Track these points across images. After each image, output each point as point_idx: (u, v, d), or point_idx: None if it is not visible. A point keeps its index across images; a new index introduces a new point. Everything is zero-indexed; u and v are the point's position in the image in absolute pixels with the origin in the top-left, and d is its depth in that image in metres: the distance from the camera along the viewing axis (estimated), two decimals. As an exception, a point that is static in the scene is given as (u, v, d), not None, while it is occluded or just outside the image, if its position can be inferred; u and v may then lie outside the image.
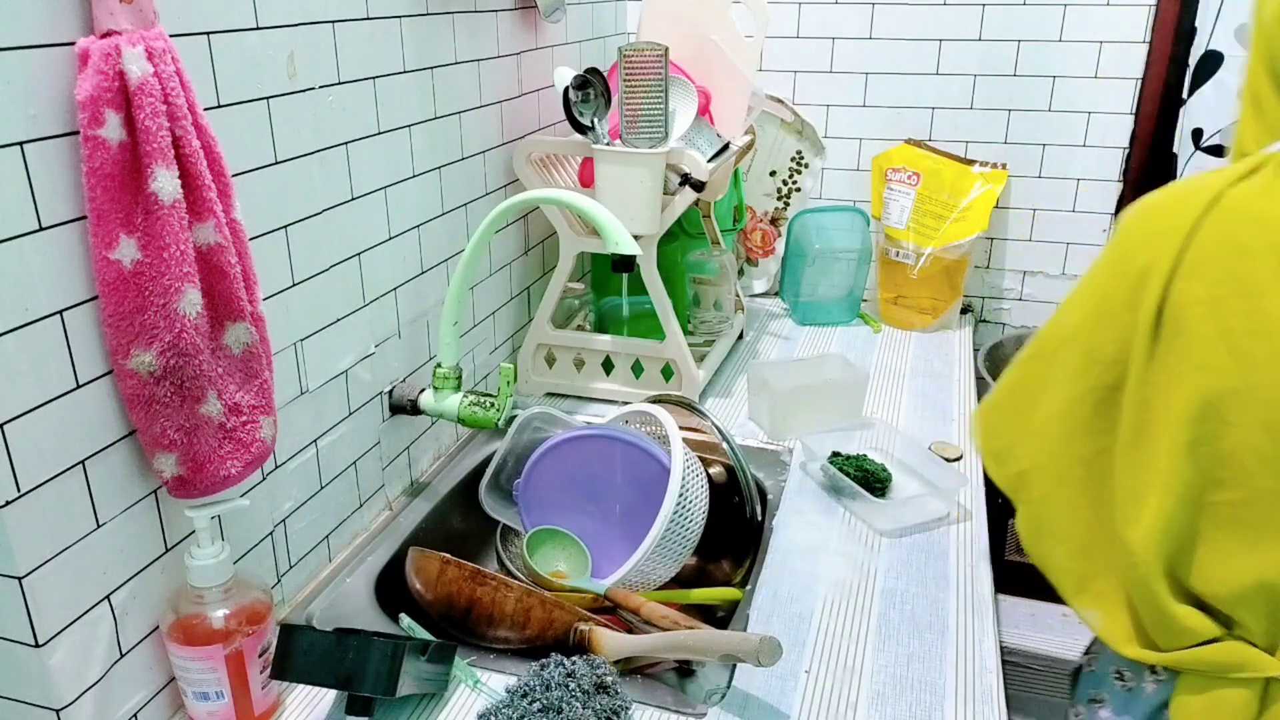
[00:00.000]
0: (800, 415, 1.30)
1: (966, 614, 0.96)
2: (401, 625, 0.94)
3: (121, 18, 0.65)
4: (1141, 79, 1.63)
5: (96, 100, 0.63)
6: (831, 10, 1.73)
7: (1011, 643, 1.27)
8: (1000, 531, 1.33)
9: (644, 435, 1.10)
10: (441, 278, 1.20)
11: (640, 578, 1.01)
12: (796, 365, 1.46)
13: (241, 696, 0.79)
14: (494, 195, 1.32)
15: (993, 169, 1.72)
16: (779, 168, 1.85)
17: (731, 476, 1.15)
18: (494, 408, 1.09)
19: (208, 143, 0.71)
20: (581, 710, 0.75)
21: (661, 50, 1.21)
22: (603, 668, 0.80)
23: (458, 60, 1.17)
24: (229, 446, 0.76)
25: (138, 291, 0.68)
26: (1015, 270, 1.81)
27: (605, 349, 1.40)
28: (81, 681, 0.71)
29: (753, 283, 1.88)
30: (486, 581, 0.89)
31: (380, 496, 1.12)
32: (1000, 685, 0.87)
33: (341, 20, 0.94)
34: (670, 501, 0.98)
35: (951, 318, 1.73)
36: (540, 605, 0.88)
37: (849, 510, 1.15)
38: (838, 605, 0.97)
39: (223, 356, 0.76)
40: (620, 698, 0.79)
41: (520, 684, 0.79)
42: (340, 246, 0.98)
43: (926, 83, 1.73)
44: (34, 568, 0.66)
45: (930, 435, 1.32)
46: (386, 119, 1.03)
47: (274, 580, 0.94)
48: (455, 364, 1.12)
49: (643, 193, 1.25)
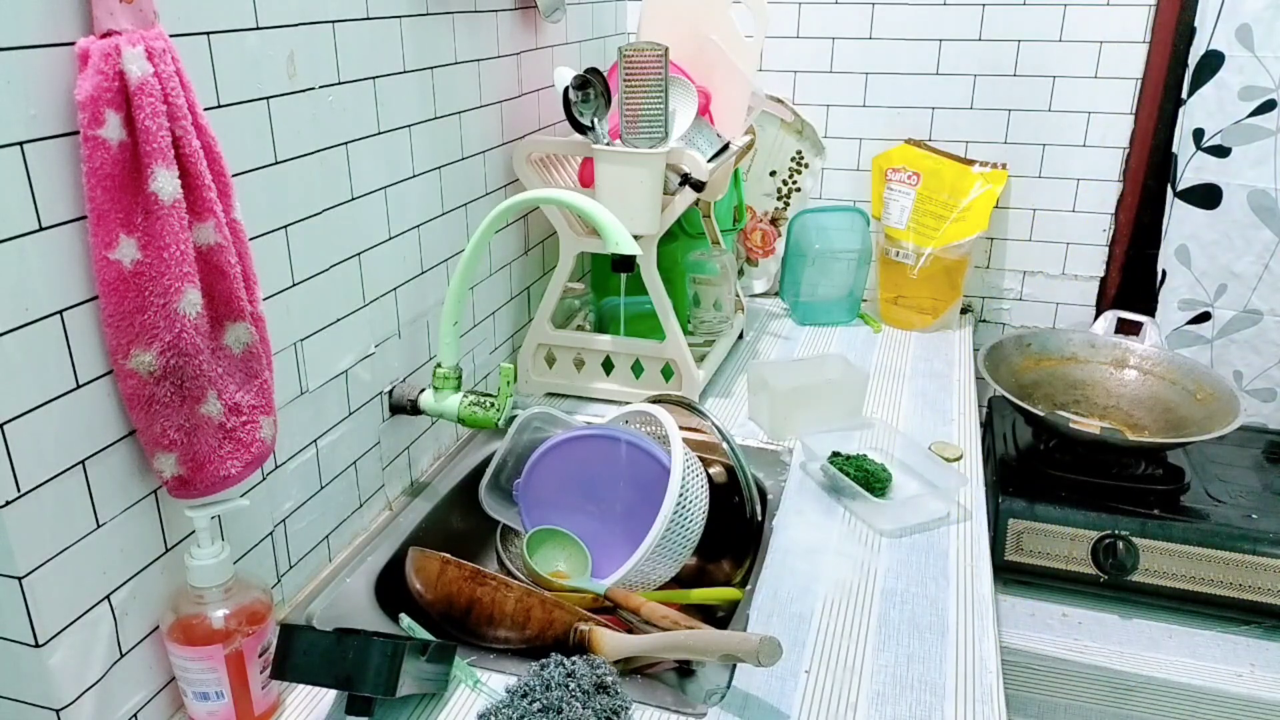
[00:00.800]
0: (800, 415, 1.30)
1: (966, 614, 0.96)
2: (401, 625, 0.94)
3: (121, 18, 0.65)
4: (1141, 79, 1.63)
5: (96, 100, 0.63)
6: (831, 10, 1.73)
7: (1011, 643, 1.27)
8: (1000, 531, 1.33)
9: (644, 435, 1.10)
10: (441, 278, 1.20)
11: (640, 578, 1.01)
12: (796, 365, 1.46)
13: (241, 696, 0.79)
14: (494, 195, 1.32)
15: (993, 169, 1.72)
16: (779, 168, 1.85)
17: (731, 476, 1.14)
18: (494, 408, 1.09)
19: (208, 143, 0.71)
20: (582, 710, 0.75)
21: (661, 50, 1.21)
22: (603, 668, 0.80)
23: (458, 60, 1.17)
24: (229, 446, 0.76)
25: (138, 291, 0.68)
26: (1015, 270, 1.81)
27: (605, 349, 1.40)
28: (81, 681, 0.71)
29: (753, 283, 1.88)
30: (486, 581, 0.88)
31: (380, 496, 1.12)
32: (1000, 685, 0.87)
33: (341, 20, 0.94)
34: (670, 501, 0.98)
35: (951, 318, 1.73)
36: (540, 605, 0.88)
37: (849, 510, 1.15)
38: (838, 605, 0.97)
39: (223, 356, 0.76)
40: (620, 698, 0.79)
41: (520, 684, 0.79)
42: (340, 246, 0.98)
43: (926, 83, 1.73)
44: (34, 568, 0.66)
45: (930, 435, 1.32)
46: (386, 119, 1.03)
47: (274, 580, 0.94)
48: (455, 364, 1.12)
49: (643, 193, 1.25)
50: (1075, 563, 1.31)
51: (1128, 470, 1.38)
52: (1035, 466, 1.40)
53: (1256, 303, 1.57)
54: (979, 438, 1.34)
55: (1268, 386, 1.61)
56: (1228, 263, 1.57)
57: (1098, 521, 1.30)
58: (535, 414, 1.14)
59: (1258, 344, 1.59)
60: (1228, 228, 1.55)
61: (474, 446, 1.30)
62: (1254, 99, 1.48)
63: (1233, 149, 1.51)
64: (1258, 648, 1.25)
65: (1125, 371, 1.53)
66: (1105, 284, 1.76)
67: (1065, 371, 1.56)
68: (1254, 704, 1.18)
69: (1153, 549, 1.27)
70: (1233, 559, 1.25)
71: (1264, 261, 1.54)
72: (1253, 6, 1.45)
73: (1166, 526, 1.28)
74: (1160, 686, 1.22)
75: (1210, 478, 1.38)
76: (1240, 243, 1.55)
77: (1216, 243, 1.56)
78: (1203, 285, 1.60)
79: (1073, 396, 1.54)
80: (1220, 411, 1.35)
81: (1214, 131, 1.52)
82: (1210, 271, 1.59)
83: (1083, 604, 1.33)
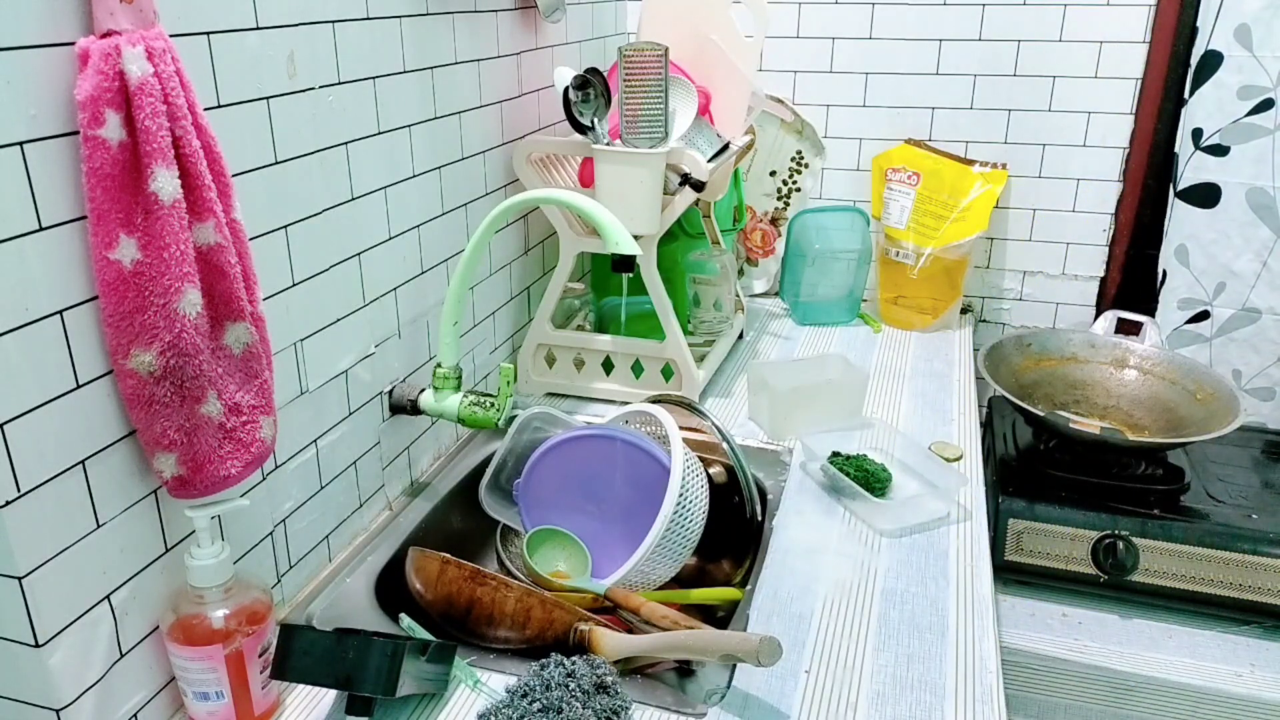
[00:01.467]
0: (800, 415, 1.30)
1: (966, 614, 0.96)
2: (401, 625, 0.94)
3: (121, 18, 0.65)
4: (1141, 79, 1.63)
5: (96, 100, 0.63)
6: (831, 10, 1.73)
7: (1011, 643, 1.27)
8: (1000, 532, 1.33)
9: (644, 435, 1.10)
10: (441, 278, 1.20)
11: (640, 578, 1.01)
12: (796, 365, 1.46)
13: (241, 696, 0.79)
14: (494, 195, 1.32)
15: (993, 169, 1.72)
16: (779, 168, 1.85)
17: (731, 476, 1.15)
18: (494, 408, 1.09)
19: (208, 143, 0.71)
20: (581, 710, 0.75)
21: (661, 50, 1.21)
22: (603, 668, 0.80)
23: (458, 60, 1.17)
24: (229, 446, 0.76)
25: (138, 291, 0.68)
26: (1015, 270, 1.81)
27: (605, 349, 1.40)
28: (81, 681, 0.71)
29: (753, 283, 1.88)
30: (486, 581, 0.88)
31: (380, 496, 1.12)
32: (1000, 685, 0.87)
33: (341, 20, 0.94)
34: (670, 501, 0.98)
35: (951, 318, 1.73)
36: (540, 605, 0.88)
37: (849, 510, 1.15)
38: (838, 605, 0.97)
39: (223, 356, 0.76)
40: (620, 698, 0.79)
41: (520, 684, 0.79)
42: (340, 246, 0.98)
43: (926, 83, 1.73)
44: (34, 568, 0.66)
45: (930, 435, 1.32)
46: (386, 119, 1.03)
47: (274, 580, 0.94)
48: (455, 364, 1.12)
49: (643, 193, 1.25)
50: (1075, 563, 1.31)
51: (1128, 470, 1.38)
52: (1035, 466, 1.40)
53: (1255, 301, 1.57)
54: (979, 438, 1.34)
55: (1267, 385, 1.61)
56: (1226, 261, 1.57)
57: (1098, 521, 1.30)
58: (535, 414, 1.14)
59: (1256, 342, 1.59)
60: (1226, 226, 1.55)
61: (474, 446, 1.30)
62: (1252, 98, 1.48)
63: (1231, 148, 1.51)
64: (1258, 648, 1.25)
65: (1125, 371, 1.54)
66: (1105, 284, 1.77)
67: (1065, 371, 1.56)
68: (1254, 704, 1.18)
69: (1153, 549, 1.27)
70: (1233, 559, 1.25)
71: (1262, 259, 1.54)
72: (1251, 6, 1.45)
73: (1166, 526, 1.28)
74: (1160, 686, 1.22)
75: (1210, 478, 1.38)
76: (1239, 241, 1.55)
77: (1215, 241, 1.56)
78: (1201, 284, 1.60)
79: (1073, 396, 1.54)
80: (1220, 411, 1.35)
81: (1212, 131, 1.52)
82: (1209, 270, 1.59)
83: (1083, 604, 1.33)
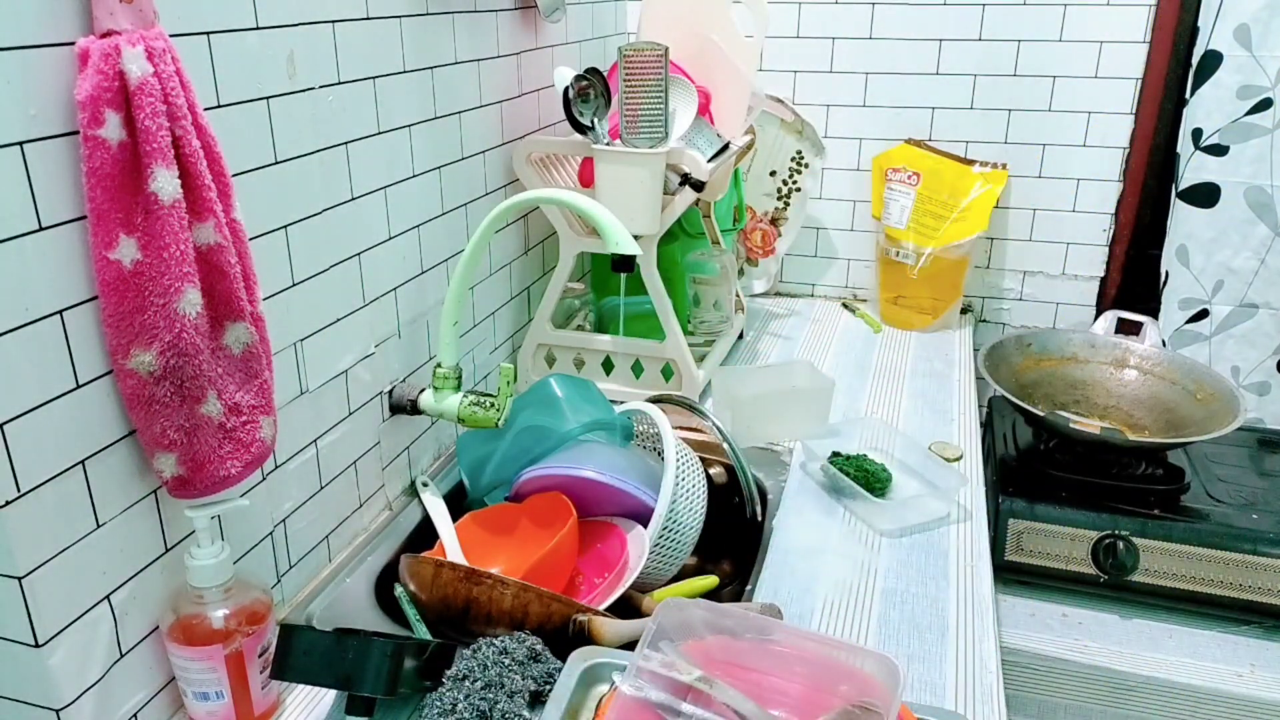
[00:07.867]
0: (764, 423, 1.28)
1: (966, 614, 0.96)
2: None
3: (121, 18, 0.65)
4: (1141, 79, 1.63)
5: (96, 100, 0.63)
6: (831, 10, 1.73)
7: (1011, 643, 1.27)
8: (1000, 531, 1.33)
9: (631, 477, 1.05)
10: (441, 278, 1.20)
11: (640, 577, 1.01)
12: (762, 372, 1.44)
13: (241, 696, 0.79)
14: (494, 195, 1.32)
15: (993, 169, 1.72)
16: (779, 168, 1.85)
17: (731, 476, 1.15)
18: (494, 408, 1.09)
19: (208, 143, 0.71)
20: (521, 681, 0.79)
21: (661, 50, 1.21)
22: (530, 639, 0.83)
23: (458, 60, 1.17)
24: (229, 446, 0.76)
25: (138, 291, 0.68)
26: (1015, 270, 1.81)
27: (605, 349, 1.40)
28: (81, 681, 0.71)
29: (753, 283, 1.88)
30: (482, 580, 0.88)
31: (380, 496, 1.12)
32: (1000, 685, 0.87)
33: (341, 20, 0.94)
34: (664, 505, 0.98)
35: (951, 318, 1.73)
36: (538, 599, 0.88)
37: (849, 510, 1.15)
38: (838, 605, 0.97)
39: (223, 356, 0.76)
40: (552, 662, 0.83)
41: (458, 669, 0.80)
42: (340, 246, 0.98)
43: (926, 83, 1.73)
44: (34, 568, 0.66)
45: (930, 435, 1.32)
46: (386, 119, 1.03)
47: (274, 580, 0.94)
48: (455, 364, 1.11)
49: (643, 193, 1.25)
50: (1075, 563, 1.31)
51: (1128, 470, 1.38)
52: (1035, 466, 1.40)
53: (1253, 296, 1.57)
54: (979, 438, 1.34)
55: (1262, 380, 1.61)
56: (1225, 259, 1.57)
57: (1098, 521, 1.30)
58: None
59: (1253, 337, 1.60)
60: (1225, 225, 1.55)
61: (474, 446, 1.30)
62: (1251, 98, 1.48)
63: (1230, 147, 1.52)
64: (1258, 648, 1.25)
65: (1125, 371, 1.53)
66: (1105, 284, 1.76)
67: (1065, 371, 1.56)
68: (1254, 704, 1.18)
69: (1153, 549, 1.27)
70: (1233, 559, 1.25)
71: (1260, 256, 1.55)
72: (1251, 6, 1.45)
73: (1167, 526, 1.28)
74: (1160, 686, 1.22)
75: (1210, 478, 1.38)
76: (1237, 238, 1.55)
77: (1214, 240, 1.57)
78: (1201, 283, 1.60)
79: (1073, 396, 1.54)
80: (1221, 411, 1.35)
81: (1212, 130, 1.52)
82: (1208, 269, 1.59)
83: (1083, 604, 1.33)
